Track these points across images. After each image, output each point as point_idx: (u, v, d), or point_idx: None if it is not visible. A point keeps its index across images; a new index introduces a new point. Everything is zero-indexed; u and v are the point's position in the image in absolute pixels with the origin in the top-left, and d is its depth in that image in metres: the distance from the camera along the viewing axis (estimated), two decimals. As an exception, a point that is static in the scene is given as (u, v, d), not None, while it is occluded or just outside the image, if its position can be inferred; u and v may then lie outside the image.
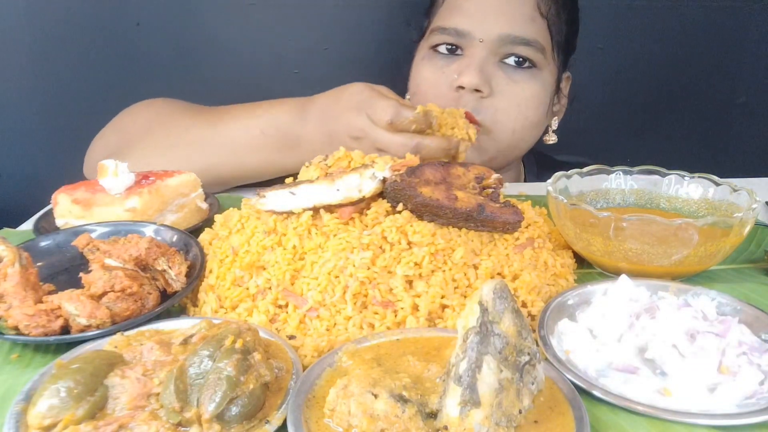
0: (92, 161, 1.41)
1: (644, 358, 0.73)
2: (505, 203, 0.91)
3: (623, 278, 0.84)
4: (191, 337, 0.71)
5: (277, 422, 0.62)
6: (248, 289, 0.85)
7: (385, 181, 0.88)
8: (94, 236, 0.93)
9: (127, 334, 0.75)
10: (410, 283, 0.82)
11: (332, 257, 0.82)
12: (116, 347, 0.71)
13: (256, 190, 0.92)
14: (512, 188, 1.33)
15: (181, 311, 0.88)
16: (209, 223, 1.03)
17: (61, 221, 1.06)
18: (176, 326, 0.77)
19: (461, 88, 1.35)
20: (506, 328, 0.63)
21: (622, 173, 1.09)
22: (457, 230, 0.87)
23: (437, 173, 0.91)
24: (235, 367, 0.63)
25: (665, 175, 1.08)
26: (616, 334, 0.75)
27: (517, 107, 1.37)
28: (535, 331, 0.77)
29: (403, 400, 0.60)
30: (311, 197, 0.87)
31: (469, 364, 0.59)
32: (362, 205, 0.87)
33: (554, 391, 0.67)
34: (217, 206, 1.16)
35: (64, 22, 1.82)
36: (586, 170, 1.08)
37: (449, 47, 1.39)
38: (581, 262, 1.00)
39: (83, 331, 0.77)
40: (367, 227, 0.86)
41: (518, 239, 0.92)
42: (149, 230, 0.97)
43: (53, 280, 0.90)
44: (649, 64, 2.01)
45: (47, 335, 0.77)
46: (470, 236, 0.88)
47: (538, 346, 0.68)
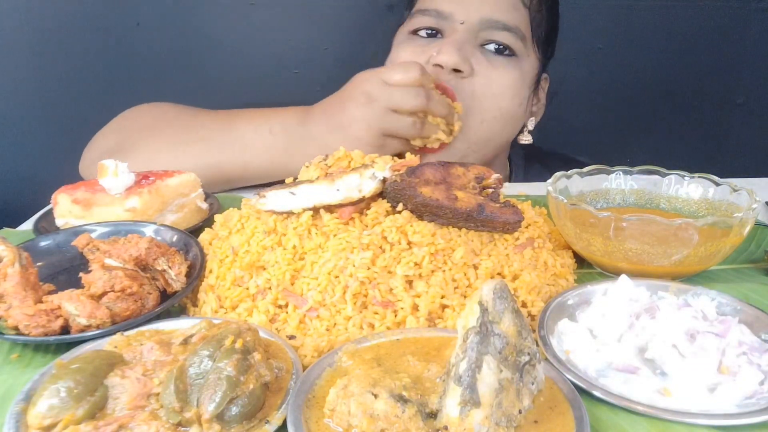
0: (89, 160, 1.41)
1: (644, 358, 0.73)
2: (505, 203, 0.91)
3: (623, 278, 0.84)
4: (191, 337, 0.71)
5: (277, 422, 0.62)
6: (248, 289, 0.85)
7: (385, 181, 0.88)
8: (94, 236, 0.93)
9: (127, 334, 0.75)
10: (410, 283, 0.82)
11: (332, 257, 0.82)
12: (116, 347, 0.71)
13: (256, 190, 0.92)
14: (512, 188, 1.33)
15: (181, 311, 0.88)
16: (209, 223, 1.03)
17: (61, 221, 1.06)
18: (176, 326, 0.77)
19: (439, 66, 1.31)
20: (506, 328, 0.63)
21: (622, 173, 1.09)
22: (457, 230, 0.87)
23: (437, 173, 0.91)
24: (235, 367, 0.63)
25: (665, 175, 1.08)
26: (616, 334, 0.75)
27: (492, 94, 1.34)
28: (535, 331, 0.77)
29: (403, 400, 0.60)
30: (311, 197, 0.87)
31: (469, 364, 0.59)
32: (362, 205, 0.87)
33: (554, 391, 0.67)
34: (217, 206, 1.16)
35: (64, 22, 1.82)
36: (586, 170, 1.07)
37: (429, 31, 1.38)
38: (581, 262, 1.00)
39: (83, 331, 0.77)
40: (367, 227, 0.86)
41: (518, 239, 0.92)
42: (149, 230, 0.97)
43: (53, 280, 0.90)
44: (649, 64, 2.01)
45: (47, 335, 0.77)
46: (470, 236, 0.88)
47: (538, 346, 0.68)
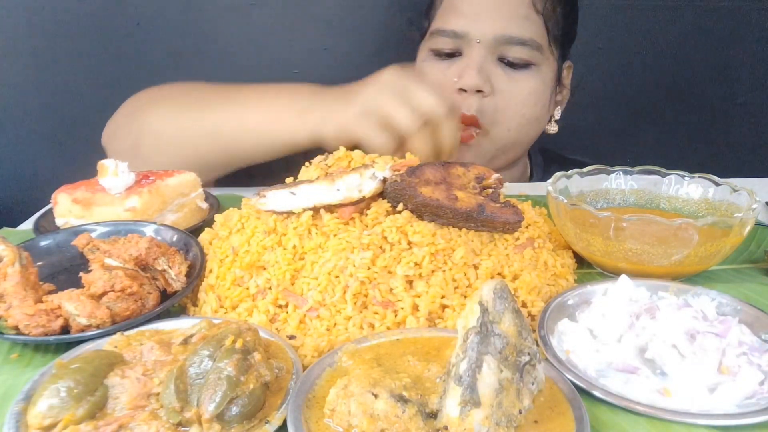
0: (110, 130, 1.42)
1: (644, 358, 0.73)
2: (505, 203, 0.91)
3: (623, 278, 0.84)
4: (191, 337, 0.71)
5: (277, 422, 0.62)
6: (248, 289, 0.85)
7: (385, 181, 0.88)
8: (94, 236, 0.93)
9: (127, 333, 0.75)
10: (410, 283, 0.82)
11: (332, 257, 0.82)
12: (116, 347, 0.71)
13: (256, 190, 0.92)
14: (513, 188, 1.34)
15: (181, 311, 0.88)
16: (209, 223, 1.03)
17: (61, 221, 1.06)
18: (176, 326, 0.77)
19: (463, 90, 1.37)
20: (506, 328, 0.63)
21: (622, 173, 1.09)
22: (457, 230, 0.87)
23: (437, 173, 0.91)
24: (235, 367, 0.63)
25: (665, 175, 1.08)
26: (616, 334, 0.75)
27: (515, 105, 1.40)
28: (535, 331, 0.77)
29: (403, 400, 0.60)
30: (311, 197, 0.87)
31: (469, 364, 0.59)
32: (362, 205, 0.87)
33: (554, 391, 0.67)
34: (217, 206, 1.16)
35: (64, 22, 1.82)
36: (586, 170, 1.07)
37: (448, 50, 1.41)
38: (581, 262, 1.00)
39: (83, 330, 0.77)
40: (367, 227, 0.86)
41: (518, 239, 0.92)
42: (149, 230, 0.97)
43: (53, 279, 0.90)
44: (648, 64, 2.01)
45: (47, 335, 0.77)
46: (470, 236, 0.88)
47: (538, 346, 0.68)
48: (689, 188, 1.06)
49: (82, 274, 0.83)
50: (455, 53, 1.41)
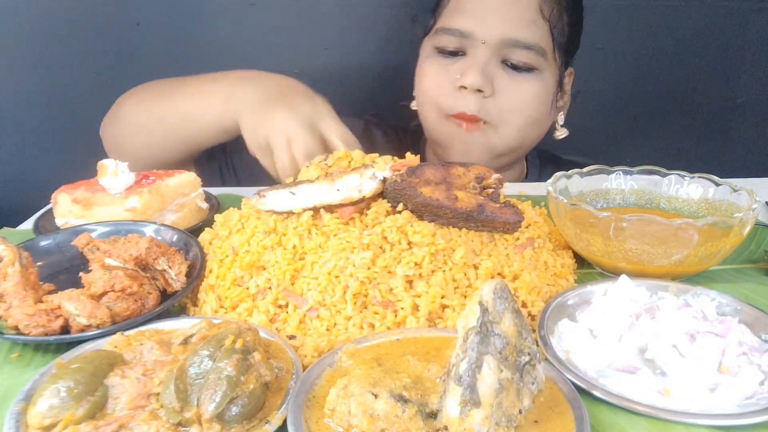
0: (105, 124, 1.52)
1: (644, 358, 0.73)
2: (505, 203, 0.91)
3: (623, 278, 0.84)
4: (191, 337, 0.71)
5: (277, 422, 0.62)
6: (248, 289, 0.85)
7: (385, 181, 0.88)
8: (94, 236, 0.93)
9: (127, 333, 0.75)
10: (410, 283, 0.82)
11: (332, 257, 0.82)
12: (116, 347, 0.71)
13: (256, 190, 0.93)
14: (513, 188, 1.34)
15: (181, 311, 0.88)
16: (209, 223, 1.03)
17: (61, 221, 1.06)
18: (176, 326, 0.77)
19: (464, 87, 1.37)
20: (506, 328, 0.63)
21: (622, 173, 1.09)
22: (457, 230, 0.87)
23: (437, 173, 0.91)
24: (235, 367, 0.63)
25: (665, 175, 1.08)
26: (616, 334, 0.75)
27: (520, 105, 1.41)
28: (535, 331, 0.77)
29: (403, 400, 0.60)
30: (311, 197, 0.87)
31: (469, 364, 0.59)
32: (362, 205, 0.87)
33: (554, 391, 0.67)
34: (217, 206, 1.16)
35: (64, 22, 1.82)
36: (586, 170, 1.07)
37: (452, 49, 1.41)
38: (581, 262, 1.00)
39: (83, 330, 0.77)
40: (367, 227, 0.86)
41: (518, 239, 0.92)
42: (149, 230, 0.97)
43: (53, 279, 0.90)
44: (648, 64, 2.01)
45: (47, 335, 0.77)
46: (470, 236, 0.88)
47: (538, 346, 0.68)
48: (689, 188, 1.06)
49: (82, 274, 0.83)
50: (459, 52, 1.41)
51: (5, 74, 1.86)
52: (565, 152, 1.71)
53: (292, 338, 0.78)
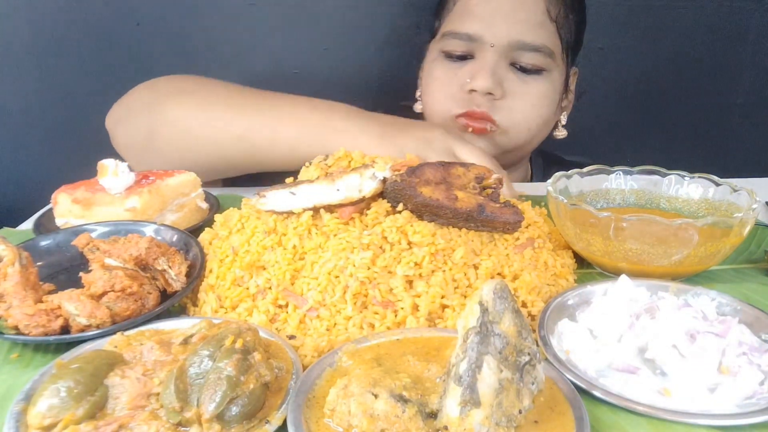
0: (117, 114, 1.38)
1: (644, 358, 0.73)
2: (505, 203, 0.91)
3: (623, 278, 0.84)
4: (191, 337, 0.71)
5: (277, 422, 0.62)
6: (248, 289, 0.85)
7: (385, 181, 0.88)
8: (94, 236, 0.93)
9: (127, 333, 0.75)
10: (410, 283, 0.82)
11: (332, 257, 0.82)
12: (116, 347, 0.71)
13: (256, 190, 0.93)
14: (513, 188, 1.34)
15: (181, 311, 0.88)
16: (209, 223, 1.03)
17: (61, 221, 1.06)
18: (176, 326, 0.77)
19: (473, 90, 1.37)
20: (506, 328, 0.63)
21: (622, 173, 1.09)
22: (457, 230, 0.87)
23: (437, 173, 0.91)
24: (235, 367, 0.63)
25: (665, 175, 1.08)
26: (616, 334, 0.75)
27: (531, 107, 1.41)
28: (535, 331, 0.77)
29: (403, 400, 0.60)
30: (311, 197, 0.87)
31: (469, 364, 0.59)
32: (362, 205, 0.87)
33: (554, 391, 0.67)
34: (217, 206, 1.16)
35: (64, 22, 1.82)
36: (586, 170, 1.08)
37: (460, 53, 1.41)
38: (581, 262, 1.00)
39: (83, 330, 0.77)
40: (367, 227, 0.86)
41: (518, 239, 0.92)
42: (149, 230, 0.97)
43: (53, 279, 0.90)
44: (648, 64, 2.00)
45: (47, 335, 0.77)
46: (470, 236, 0.88)
47: (538, 346, 0.68)
48: (689, 188, 1.06)
49: (82, 274, 0.83)
50: (467, 56, 1.41)
51: (5, 74, 1.86)
52: (565, 152, 1.71)
53: (292, 338, 0.78)
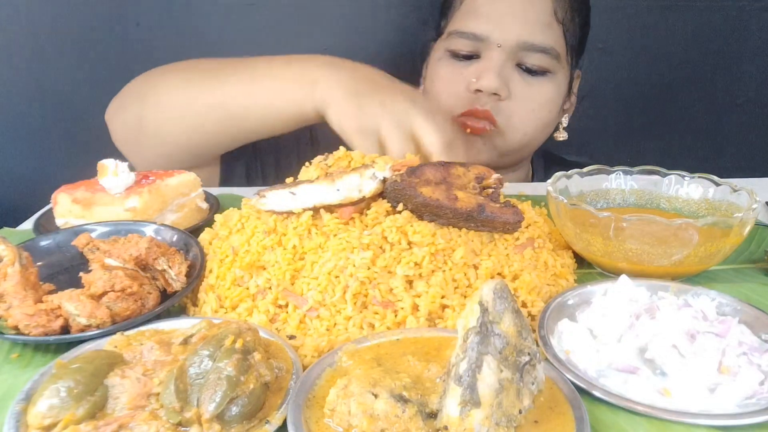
0: (116, 105, 1.40)
1: (644, 358, 0.73)
2: (505, 203, 0.91)
3: (623, 278, 0.84)
4: (191, 337, 0.71)
5: (277, 422, 0.62)
6: (248, 289, 0.85)
7: (385, 181, 0.88)
8: (94, 236, 0.93)
9: (127, 333, 0.75)
10: (410, 283, 0.82)
11: (332, 257, 0.82)
12: (116, 347, 0.71)
13: (256, 190, 0.93)
14: (513, 188, 1.34)
15: (181, 311, 0.88)
16: (209, 223, 1.03)
17: (61, 221, 1.06)
18: (176, 326, 0.77)
19: (479, 90, 1.37)
20: (506, 328, 0.63)
21: (622, 173, 1.09)
22: (457, 230, 0.87)
23: (437, 173, 0.91)
24: (235, 367, 0.63)
25: (665, 175, 1.08)
26: (616, 334, 0.75)
27: (532, 111, 1.41)
28: (535, 331, 0.77)
29: (403, 400, 0.60)
30: (311, 197, 0.87)
31: (469, 364, 0.59)
32: (362, 205, 0.87)
33: (554, 391, 0.67)
34: (217, 206, 1.16)
35: (64, 22, 1.82)
36: (586, 170, 1.07)
37: (466, 52, 1.40)
38: (581, 262, 1.00)
39: (83, 330, 0.77)
40: (367, 227, 0.86)
41: (518, 239, 0.92)
42: (149, 230, 0.97)
43: (53, 279, 0.90)
44: (648, 64, 2.01)
45: (47, 335, 0.77)
46: (470, 236, 0.88)
47: (538, 346, 0.68)
48: (689, 188, 1.06)
49: (82, 274, 0.83)
50: (473, 55, 1.40)
51: (5, 74, 1.86)
52: (566, 152, 1.71)
53: (292, 338, 0.78)
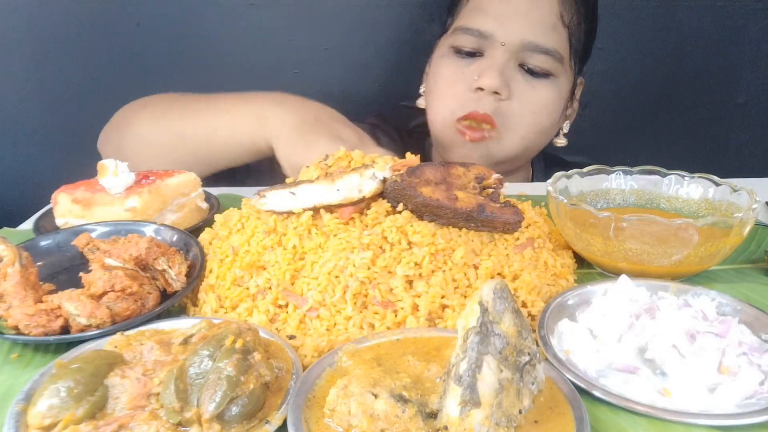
0: (103, 137, 1.50)
1: (644, 358, 0.73)
2: (505, 203, 0.91)
3: (623, 278, 0.84)
4: (191, 337, 0.71)
5: (277, 422, 0.62)
6: (248, 289, 0.85)
7: (385, 181, 0.88)
8: (94, 236, 0.93)
9: (127, 333, 0.75)
10: (410, 283, 0.82)
11: (332, 257, 0.82)
12: (116, 347, 0.71)
13: (256, 190, 0.93)
14: (513, 188, 1.34)
15: (181, 311, 0.88)
16: (209, 223, 1.03)
17: (61, 221, 1.06)
18: (176, 326, 0.77)
19: (480, 89, 1.36)
20: (506, 328, 0.63)
21: (622, 173, 1.09)
22: (457, 230, 0.87)
23: (437, 173, 0.91)
24: (235, 367, 0.63)
25: (665, 175, 1.08)
26: (616, 334, 0.75)
27: (531, 113, 1.40)
28: (535, 331, 0.77)
29: (403, 400, 0.60)
30: (311, 197, 0.87)
31: (469, 364, 0.59)
32: (362, 205, 0.87)
33: (554, 391, 0.67)
34: (217, 206, 1.16)
35: (64, 22, 1.82)
36: (586, 170, 1.07)
37: (470, 49, 1.40)
38: (581, 262, 1.00)
39: (83, 330, 0.77)
40: (367, 227, 0.86)
41: (518, 239, 0.92)
42: (149, 230, 0.97)
43: (53, 279, 0.90)
44: (649, 64, 2.01)
45: (47, 335, 0.77)
46: (470, 236, 0.88)
47: (538, 346, 0.68)
48: (689, 188, 1.06)
49: (82, 274, 0.83)
50: (476, 53, 1.40)
51: (5, 74, 1.86)
52: (566, 153, 1.70)
53: (292, 338, 0.78)
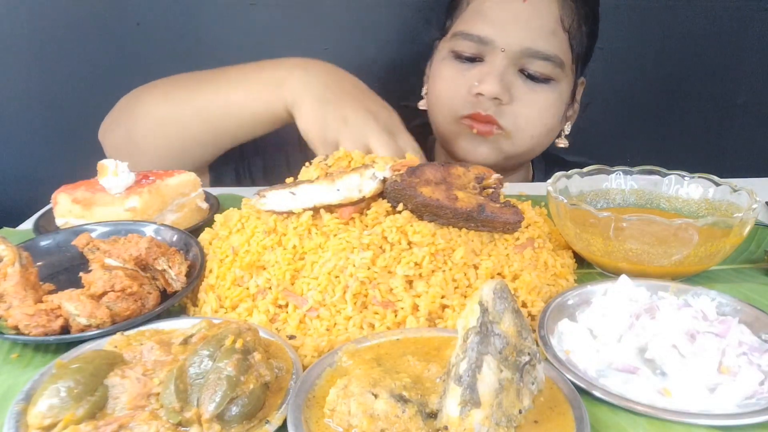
0: (107, 124, 1.48)
1: (644, 358, 0.73)
2: (505, 203, 0.91)
3: (623, 278, 0.84)
4: (191, 337, 0.71)
5: (277, 422, 0.62)
6: (248, 289, 0.85)
7: (385, 181, 0.88)
8: (94, 236, 0.93)
9: (127, 333, 0.75)
10: (410, 283, 0.82)
11: (332, 257, 0.82)
12: (116, 347, 0.71)
13: (256, 190, 0.93)
14: (513, 188, 1.34)
15: (181, 311, 0.88)
16: (209, 223, 1.03)
17: (61, 221, 1.06)
18: (176, 326, 0.77)
19: (480, 94, 1.36)
20: (506, 328, 0.63)
21: (622, 173, 1.09)
22: (457, 230, 0.87)
23: (437, 173, 0.91)
24: (235, 367, 0.63)
25: (665, 175, 1.08)
26: (616, 334, 0.75)
27: (537, 114, 1.40)
28: (535, 331, 0.77)
29: (403, 400, 0.60)
30: (311, 197, 0.87)
31: (469, 364, 0.59)
32: (362, 205, 0.87)
33: (554, 391, 0.67)
34: (217, 206, 1.16)
35: (64, 22, 1.82)
36: (586, 170, 1.07)
37: (470, 55, 1.40)
38: (581, 262, 1.00)
39: (83, 330, 0.77)
40: (367, 227, 0.86)
41: (518, 239, 0.92)
42: (149, 230, 0.97)
43: (53, 279, 0.90)
44: (648, 64, 2.01)
45: (47, 335, 0.77)
46: (470, 236, 0.88)
47: (538, 346, 0.68)
48: (689, 188, 1.06)
49: (82, 274, 0.83)
50: (476, 58, 1.40)
51: (5, 74, 1.86)
52: (566, 153, 1.71)
53: (292, 338, 0.78)
